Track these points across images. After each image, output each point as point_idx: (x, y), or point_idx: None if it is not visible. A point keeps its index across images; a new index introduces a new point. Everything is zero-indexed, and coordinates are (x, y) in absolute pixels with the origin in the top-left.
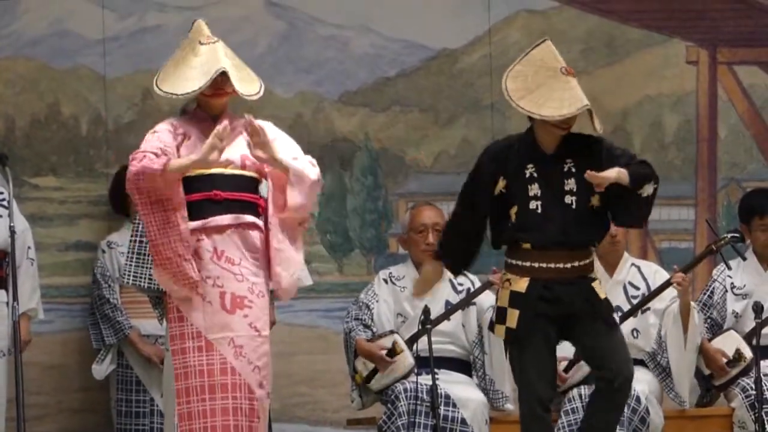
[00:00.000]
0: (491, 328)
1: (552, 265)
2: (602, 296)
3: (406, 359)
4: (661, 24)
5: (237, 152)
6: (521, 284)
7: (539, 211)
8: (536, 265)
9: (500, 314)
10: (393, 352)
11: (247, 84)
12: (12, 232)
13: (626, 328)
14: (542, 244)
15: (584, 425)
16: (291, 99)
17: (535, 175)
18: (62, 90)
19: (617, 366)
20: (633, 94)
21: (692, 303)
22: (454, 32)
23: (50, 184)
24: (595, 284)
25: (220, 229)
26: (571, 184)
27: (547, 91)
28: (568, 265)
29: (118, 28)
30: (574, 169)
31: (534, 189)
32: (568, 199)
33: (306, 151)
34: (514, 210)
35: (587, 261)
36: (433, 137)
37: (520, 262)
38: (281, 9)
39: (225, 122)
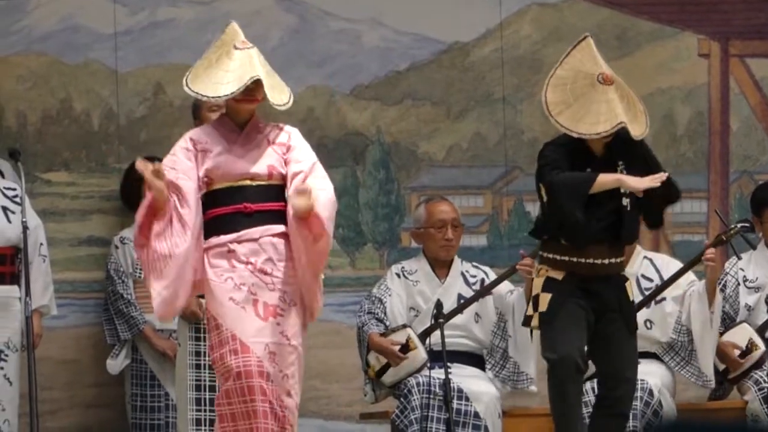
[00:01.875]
0: (527, 323)
1: (590, 261)
2: (631, 298)
3: (419, 354)
4: (672, 17)
5: (264, 164)
6: (558, 273)
7: (598, 215)
8: (574, 260)
9: (534, 303)
10: (406, 347)
11: (278, 93)
12: (24, 228)
13: (639, 319)
14: (585, 243)
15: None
16: (302, 93)
17: None
18: (74, 85)
19: (628, 374)
20: (645, 87)
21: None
22: (466, 25)
23: (62, 180)
24: (627, 284)
25: (254, 241)
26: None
27: (585, 104)
28: (606, 261)
29: (129, 22)
30: (625, 172)
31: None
32: (624, 201)
33: (318, 146)
34: None
35: (623, 259)
36: (445, 130)
37: (558, 257)
38: (292, 3)
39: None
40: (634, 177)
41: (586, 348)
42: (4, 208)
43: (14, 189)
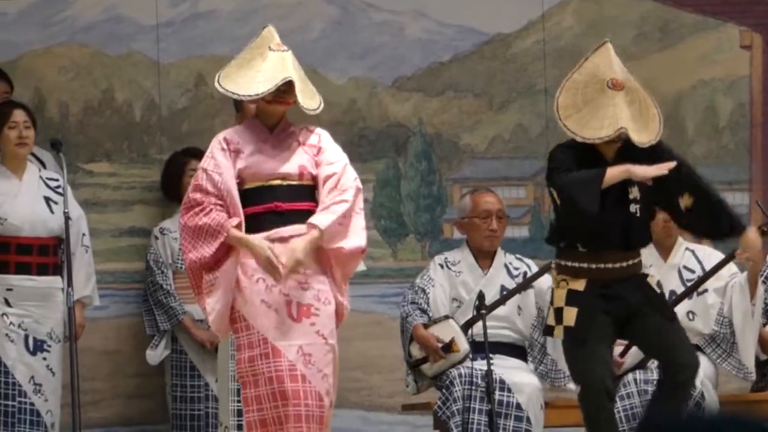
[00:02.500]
0: (549, 332)
1: (609, 266)
2: (658, 290)
3: (461, 347)
4: (715, 8)
5: (295, 163)
6: (579, 284)
7: (606, 219)
8: (593, 266)
9: (558, 315)
10: (449, 348)
11: (308, 98)
12: (67, 218)
13: (681, 311)
14: (599, 248)
15: (648, 418)
16: (344, 85)
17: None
18: (116, 76)
19: (685, 359)
20: (686, 79)
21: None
22: (508, 17)
23: (104, 170)
24: (649, 279)
25: (284, 240)
26: (634, 192)
27: (592, 110)
28: (624, 264)
29: (171, 13)
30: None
31: (606, 199)
32: (632, 207)
33: (360, 137)
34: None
35: (639, 259)
36: (487, 122)
37: (576, 264)
38: None
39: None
40: (642, 166)
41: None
42: (47, 199)
43: (56, 180)
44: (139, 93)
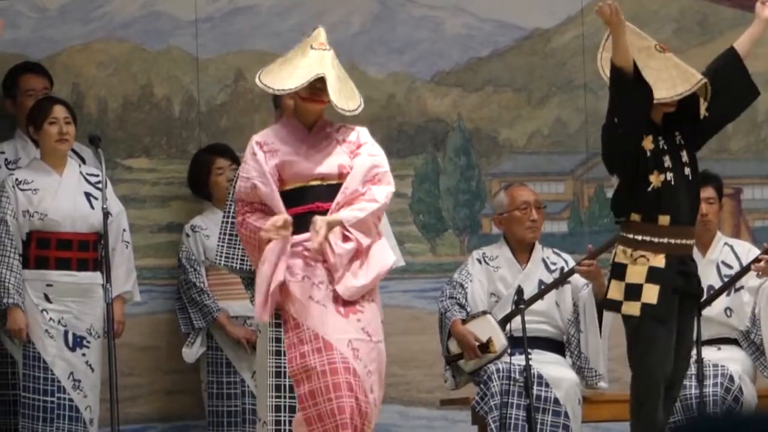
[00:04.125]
0: (612, 306)
1: (685, 242)
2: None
3: (499, 341)
4: (754, 2)
5: (334, 163)
6: (659, 260)
7: (673, 183)
8: (672, 241)
9: (633, 291)
10: (485, 348)
11: (345, 98)
12: (106, 214)
13: (719, 306)
14: (678, 219)
15: None
16: (383, 79)
17: (665, 147)
18: (155, 71)
19: (680, 377)
20: None
21: None
22: (547, 12)
23: (143, 166)
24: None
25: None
26: (684, 156)
27: (653, 73)
28: (692, 242)
29: (210, 9)
30: (683, 141)
31: (667, 161)
32: (686, 170)
33: (399, 132)
34: (654, 176)
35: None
36: (526, 117)
37: (656, 239)
38: None
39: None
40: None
41: None
42: (87, 194)
43: (96, 175)
44: (177, 88)
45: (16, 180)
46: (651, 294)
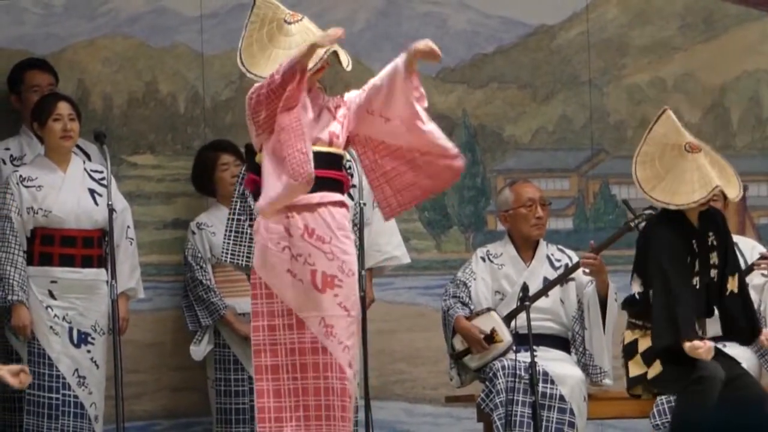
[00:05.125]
0: (640, 382)
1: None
2: None
3: (505, 339)
4: (758, 0)
5: (326, 129)
6: None
7: (698, 287)
8: None
9: (650, 356)
10: (491, 339)
11: (344, 54)
12: (111, 210)
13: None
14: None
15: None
16: None
17: (697, 250)
18: (160, 68)
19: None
20: (731, 70)
21: None
22: (552, 8)
23: (148, 163)
24: None
25: (311, 207)
26: (714, 257)
27: (678, 175)
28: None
29: (215, 5)
30: (715, 243)
31: (696, 265)
32: (712, 273)
33: None
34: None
35: None
36: (531, 114)
37: None
38: None
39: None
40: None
41: None
42: (92, 191)
43: (101, 171)
44: (182, 85)
45: (20, 176)
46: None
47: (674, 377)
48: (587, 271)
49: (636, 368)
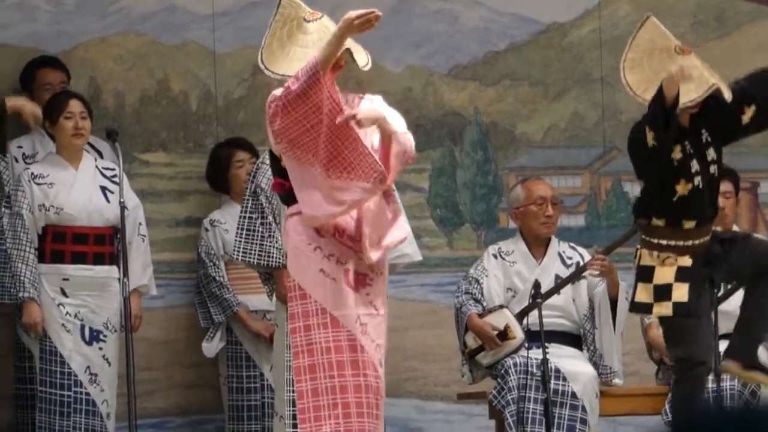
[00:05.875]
0: (642, 309)
1: (707, 238)
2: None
3: (517, 336)
4: None
5: None
6: (685, 260)
7: (700, 187)
8: (697, 242)
9: (663, 292)
10: (504, 335)
11: (361, 55)
12: (122, 208)
13: (737, 301)
14: (703, 221)
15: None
16: (400, 73)
17: (692, 150)
18: (172, 66)
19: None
20: (743, 67)
21: None
22: (564, 6)
23: (160, 160)
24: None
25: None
26: (711, 153)
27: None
28: (710, 235)
29: (227, 3)
30: (710, 138)
31: (694, 165)
32: (712, 168)
33: (415, 126)
34: (681, 185)
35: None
36: (543, 111)
37: (681, 242)
38: None
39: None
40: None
41: None
42: (104, 188)
43: (113, 169)
44: (194, 83)
45: (32, 174)
46: (681, 293)
47: (678, 330)
48: (596, 273)
49: (644, 295)
